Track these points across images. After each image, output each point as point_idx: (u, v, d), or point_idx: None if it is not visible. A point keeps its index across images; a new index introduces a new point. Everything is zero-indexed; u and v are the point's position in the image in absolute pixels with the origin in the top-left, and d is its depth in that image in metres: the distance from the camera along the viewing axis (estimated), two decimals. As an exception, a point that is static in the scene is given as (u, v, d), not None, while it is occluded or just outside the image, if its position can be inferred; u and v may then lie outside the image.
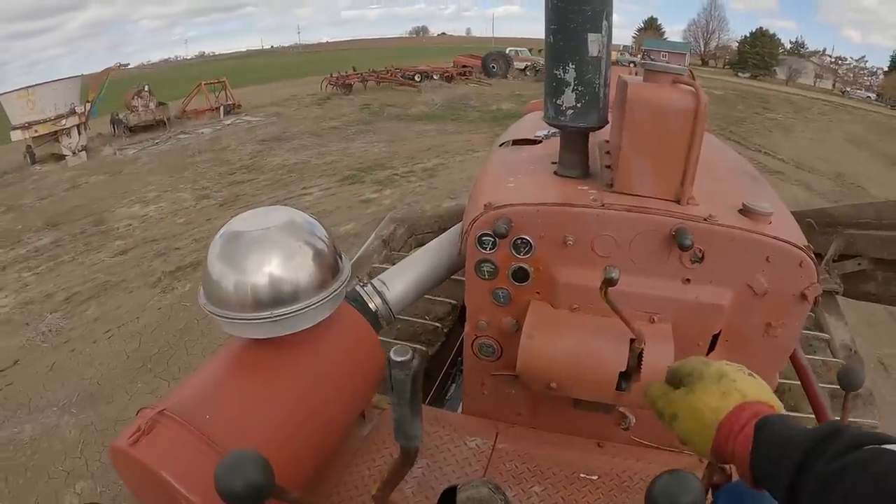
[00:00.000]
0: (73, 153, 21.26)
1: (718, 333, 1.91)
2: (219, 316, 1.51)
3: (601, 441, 2.13)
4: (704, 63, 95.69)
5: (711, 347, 1.92)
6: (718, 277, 1.83)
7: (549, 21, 1.91)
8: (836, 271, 3.51)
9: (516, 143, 2.75)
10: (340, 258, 1.73)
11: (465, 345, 2.17)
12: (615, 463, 2.03)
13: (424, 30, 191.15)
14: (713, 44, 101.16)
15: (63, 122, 21.31)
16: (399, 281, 2.35)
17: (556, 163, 2.17)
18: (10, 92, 23.23)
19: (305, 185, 13.84)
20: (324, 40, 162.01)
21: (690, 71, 2.07)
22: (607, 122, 2.02)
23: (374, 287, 2.28)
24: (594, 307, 1.83)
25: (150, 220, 12.56)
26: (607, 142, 2.32)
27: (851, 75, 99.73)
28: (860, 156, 22.24)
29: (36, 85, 22.87)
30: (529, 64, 40.78)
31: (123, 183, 16.23)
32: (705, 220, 1.78)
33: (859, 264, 3.47)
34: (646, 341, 1.67)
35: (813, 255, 1.79)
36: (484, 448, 2.08)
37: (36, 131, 21.21)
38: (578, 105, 1.92)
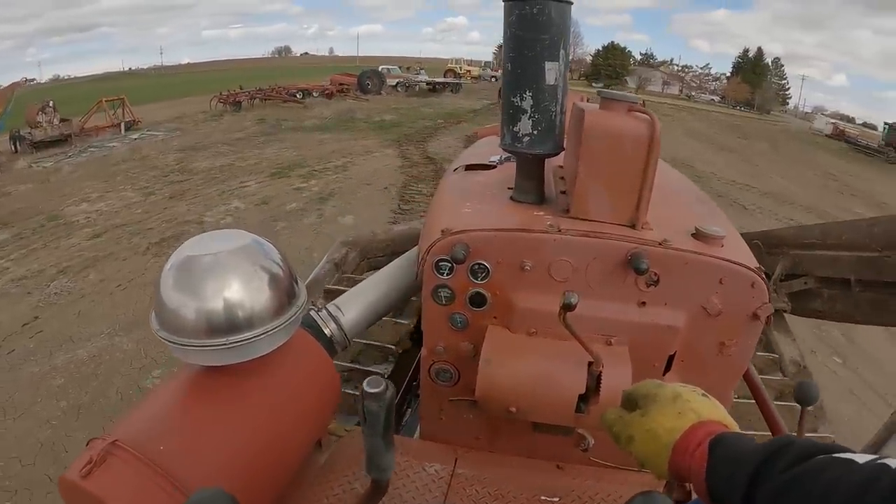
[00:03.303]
0: None
1: (674, 354, 1.96)
2: (172, 343, 1.48)
3: (561, 463, 2.14)
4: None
5: (667, 368, 1.97)
6: (673, 300, 1.89)
7: (507, 49, 1.99)
8: (784, 290, 3.56)
9: (471, 167, 2.83)
10: (296, 282, 1.71)
11: (422, 370, 2.18)
12: (575, 484, 2.05)
13: (287, 50, 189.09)
14: (569, 57, 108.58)
15: None
16: (354, 306, 2.38)
17: (512, 188, 2.24)
18: None
19: (241, 180, 15.53)
20: (185, 61, 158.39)
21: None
22: (563, 149, 2.09)
23: (329, 312, 2.30)
24: (552, 331, 1.85)
25: (106, 213, 13.89)
26: (561, 167, 2.38)
27: (697, 81, 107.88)
28: (696, 145, 26.54)
29: None
30: (401, 80, 44.05)
31: (56, 189, 17.17)
32: (660, 244, 1.83)
33: (805, 283, 3.51)
34: (604, 364, 1.70)
35: (764, 276, 1.86)
36: (443, 474, 2.07)
37: None
38: (535, 132, 2.00)
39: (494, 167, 2.78)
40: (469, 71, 67.44)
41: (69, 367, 7.37)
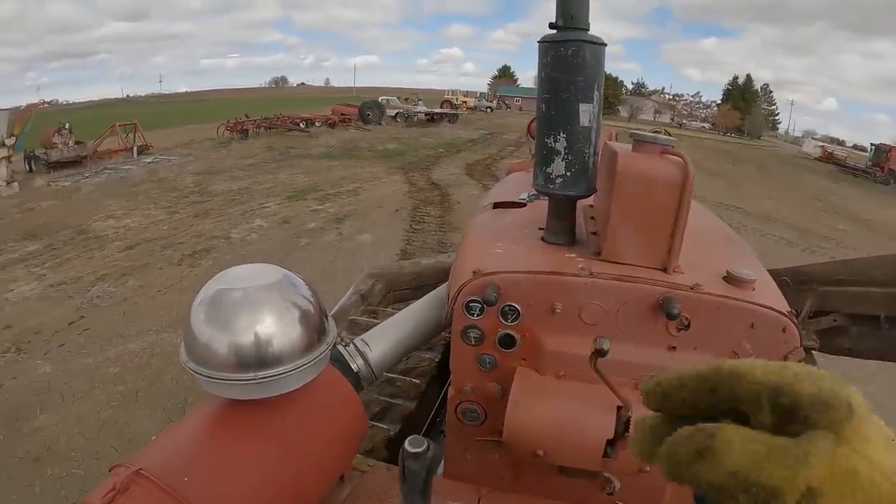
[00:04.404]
0: (7, 183, 22.21)
1: None
2: (200, 375, 1.47)
3: None
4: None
5: None
6: (704, 344, 1.85)
7: (541, 90, 2.01)
8: (812, 328, 3.38)
9: (501, 205, 2.84)
10: (326, 318, 1.68)
11: (449, 409, 2.17)
12: None
13: (284, 80, 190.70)
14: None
15: None
16: (382, 341, 2.37)
17: (542, 228, 2.23)
18: None
19: (260, 202, 16.28)
20: (183, 89, 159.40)
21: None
22: (595, 191, 2.08)
23: (357, 347, 2.29)
24: (581, 374, 1.84)
25: (135, 229, 14.55)
26: (591, 206, 2.39)
27: (688, 109, 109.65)
28: (686, 171, 27.65)
29: None
30: (400, 111, 45.13)
31: (79, 206, 17.85)
32: (692, 288, 1.81)
33: (835, 320, 3.36)
34: (633, 409, 1.64)
35: (795, 321, 1.83)
36: None
37: None
38: (568, 174, 2.00)
39: (524, 205, 2.81)
40: (465, 102, 68.63)
41: (122, 357, 8.03)
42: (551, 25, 1.96)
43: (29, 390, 7.51)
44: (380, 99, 46.78)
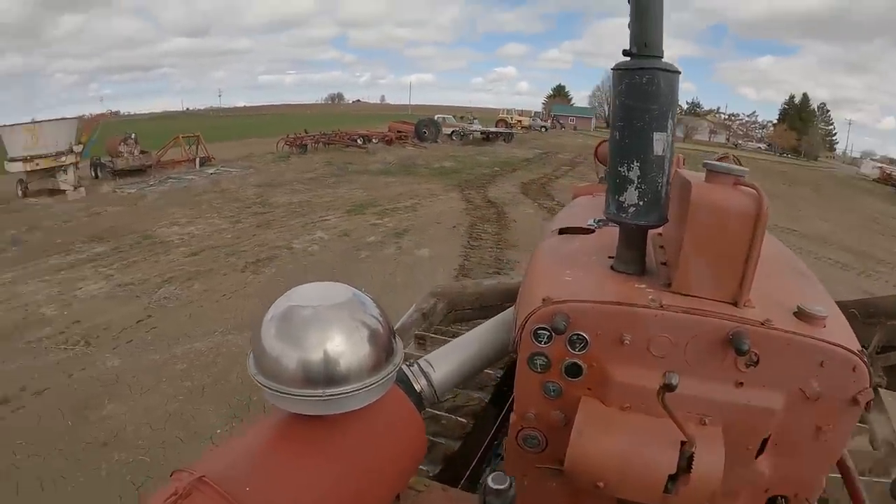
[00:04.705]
0: (74, 188, 22.80)
1: (768, 437, 1.87)
2: (268, 388, 1.50)
3: None
4: (609, 126, 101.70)
5: (760, 451, 1.88)
6: (771, 381, 1.80)
7: (615, 118, 1.99)
8: (880, 363, 3.28)
9: (570, 230, 2.83)
10: (395, 339, 1.69)
11: (510, 434, 2.15)
12: None
13: (340, 96, 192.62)
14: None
15: (63, 158, 22.66)
16: (445, 363, 2.37)
17: (612, 256, 2.22)
18: (13, 125, 24.74)
19: (320, 215, 16.52)
20: (241, 104, 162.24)
21: None
22: (667, 220, 2.05)
23: (421, 367, 2.30)
24: (646, 407, 1.82)
25: (199, 236, 14.94)
26: (660, 234, 2.37)
27: (744, 129, 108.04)
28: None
29: (41, 121, 24.59)
30: (456, 129, 45.37)
31: (144, 213, 18.45)
32: (762, 324, 1.77)
33: None
34: (697, 445, 1.64)
35: (866, 360, 1.77)
36: None
37: (38, 164, 22.31)
38: (640, 203, 1.97)
39: (593, 231, 2.79)
40: (520, 121, 68.36)
41: (189, 355, 8.26)
42: (625, 52, 1.95)
43: (97, 381, 7.78)
44: (436, 117, 47.08)
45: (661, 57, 1.94)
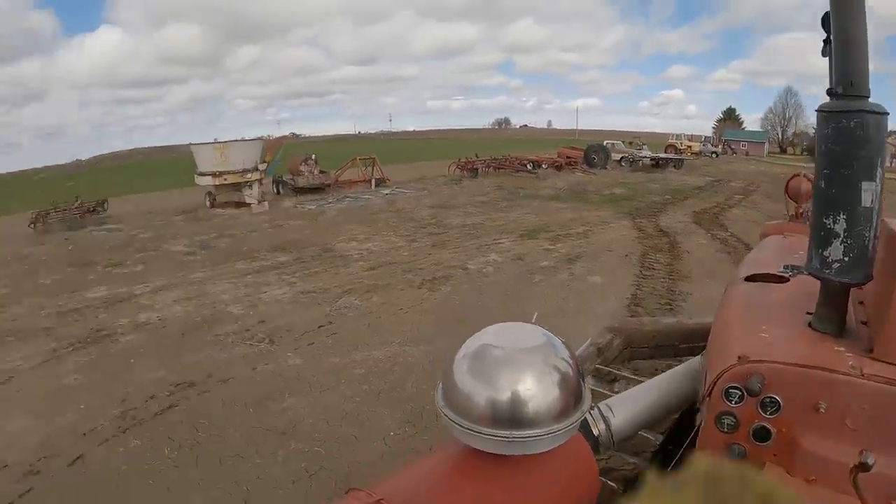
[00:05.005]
0: (258, 202, 24.75)
1: None
2: (455, 423, 1.49)
3: None
4: (783, 150, 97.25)
5: None
6: None
7: (821, 165, 1.87)
8: None
9: (762, 278, 2.72)
10: (583, 384, 1.64)
11: None
12: None
13: (507, 121, 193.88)
14: (790, 131, 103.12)
15: (249, 175, 25.07)
16: (625, 409, 2.29)
17: (809, 313, 2.09)
18: (204, 144, 27.40)
19: (493, 238, 16.68)
20: (410, 128, 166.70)
21: None
22: (872, 277, 1.89)
23: (601, 412, 2.24)
24: (834, 483, 1.66)
25: (376, 252, 15.51)
26: (860, 288, 2.20)
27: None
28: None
29: (230, 141, 27.10)
30: (625, 155, 44.54)
31: (324, 227, 19.53)
32: None
33: None
34: None
35: None
36: None
37: (225, 179, 25.10)
38: (846, 259, 1.83)
39: (787, 280, 2.68)
40: (690, 146, 66.18)
41: (367, 362, 8.48)
42: (829, 92, 1.85)
43: (279, 377, 8.24)
44: (604, 143, 46.51)
45: (868, 97, 1.83)
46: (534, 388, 1.49)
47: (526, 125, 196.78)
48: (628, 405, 2.38)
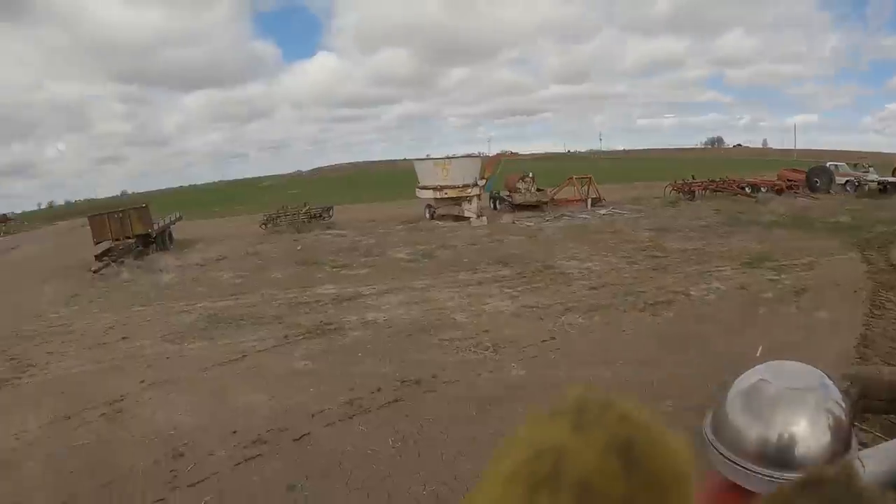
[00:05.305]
0: (477, 216, 26.21)
1: None
2: (720, 454, 1.48)
3: None
4: None
5: None
6: None
7: None
8: None
9: None
10: (853, 432, 1.54)
11: None
12: None
13: (719, 140, 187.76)
14: None
15: (469, 190, 26.63)
16: (878, 461, 2.05)
17: None
18: (426, 159, 29.77)
19: (714, 264, 16.63)
20: (620, 147, 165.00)
21: None
22: None
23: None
24: None
25: (596, 272, 16.02)
26: None
27: None
28: None
29: (451, 157, 29.00)
30: (850, 179, 40.83)
31: (542, 244, 20.40)
32: None
33: None
34: None
35: None
36: None
37: (446, 193, 26.85)
38: None
39: None
40: (924, 168, 59.88)
41: (591, 379, 8.79)
42: None
43: (502, 385, 8.85)
44: (827, 164, 43.38)
45: None
46: (807, 429, 1.46)
47: (739, 144, 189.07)
48: (882, 458, 2.10)
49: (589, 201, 29.80)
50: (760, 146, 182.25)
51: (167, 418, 8.67)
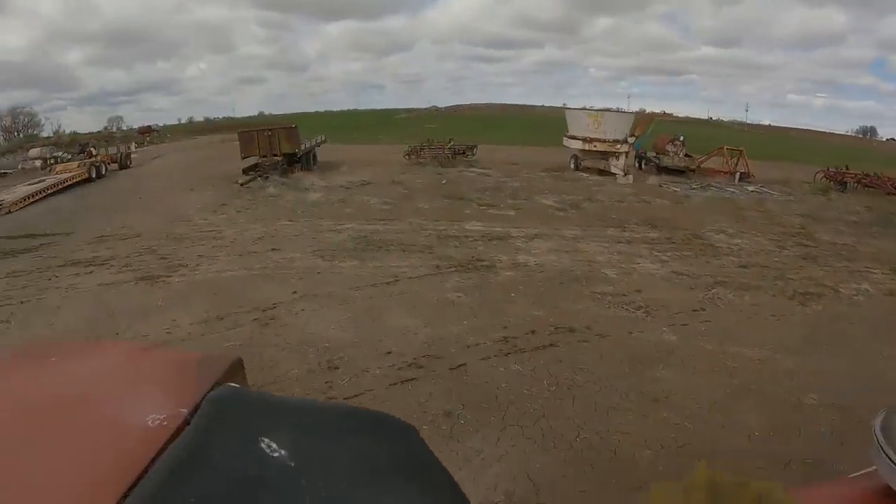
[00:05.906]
0: (623, 174, 26.20)
1: None
2: (890, 460, 1.46)
3: None
4: None
5: None
6: None
7: None
8: None
9: None
10: None
11: None
12: None
13: (873, 131, 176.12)
14: None
15: (618, 146, 26.63)
16: None
17: None
18: (579, 109, 29.65)
19: (864, 264, 15.72)
20: (766, 122, 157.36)
21: None
22: None
23: None
24: None
25: (745, 250, 15.73)
26: None
27: None
28: None
29: (606, 110, 29.33)
30: None
31: (689, 213, 20.36)
32: None
33: None
34: None
35: None
36: None
37: (595, 146, 27.03)
38: None
39: None
40: None
41: (739, 357, 8.95)
42: None
43: (653, 346, 9.12)
44: None
45: None
46: None
47: (893, 139, 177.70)
48: None
49: (738, 175, 28.73)
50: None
51: (320, 331, 9.34)
